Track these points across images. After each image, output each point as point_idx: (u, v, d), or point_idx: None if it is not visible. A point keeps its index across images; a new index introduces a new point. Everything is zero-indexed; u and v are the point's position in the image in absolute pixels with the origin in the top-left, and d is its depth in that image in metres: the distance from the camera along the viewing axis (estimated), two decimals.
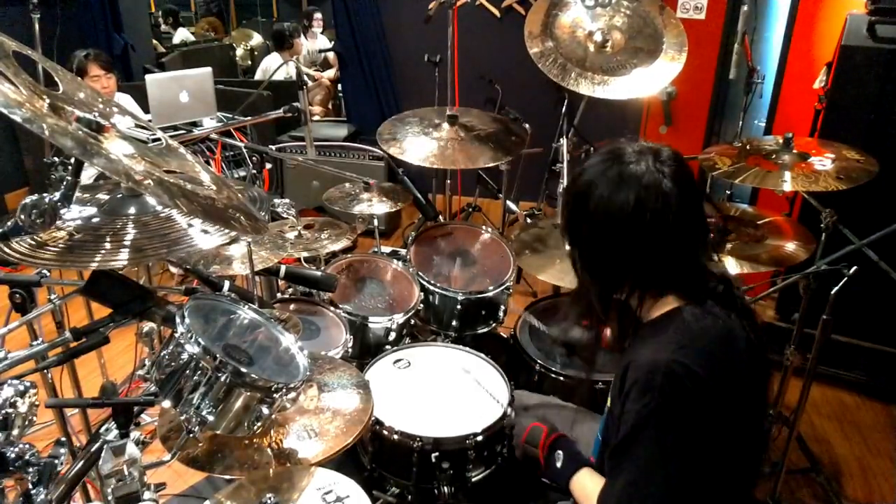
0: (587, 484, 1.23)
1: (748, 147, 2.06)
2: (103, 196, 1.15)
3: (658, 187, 1.06)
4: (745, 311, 1.12)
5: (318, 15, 6.54)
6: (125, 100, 3.52)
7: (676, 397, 1.01)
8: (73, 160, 0.90)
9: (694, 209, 1.11)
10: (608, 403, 1.22)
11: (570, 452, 1.32)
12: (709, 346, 1.04)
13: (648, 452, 1.03)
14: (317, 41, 6.54)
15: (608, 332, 1.23)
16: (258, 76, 5.90)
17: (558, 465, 1.31)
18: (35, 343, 1.42)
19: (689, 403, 1.01)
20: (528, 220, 3.50)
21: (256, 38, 7.42)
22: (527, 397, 1.79)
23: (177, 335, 1.11)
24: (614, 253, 1.11)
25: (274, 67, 5.49)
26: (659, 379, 1.01)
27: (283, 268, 1.78)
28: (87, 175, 2.42)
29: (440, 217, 2.79)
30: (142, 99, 3.10)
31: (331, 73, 6.16)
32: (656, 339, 1.08)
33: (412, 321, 2.24)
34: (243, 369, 1.12)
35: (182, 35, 7.55)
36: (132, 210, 1.10)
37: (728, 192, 2.77)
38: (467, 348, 2.00)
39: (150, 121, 2.90)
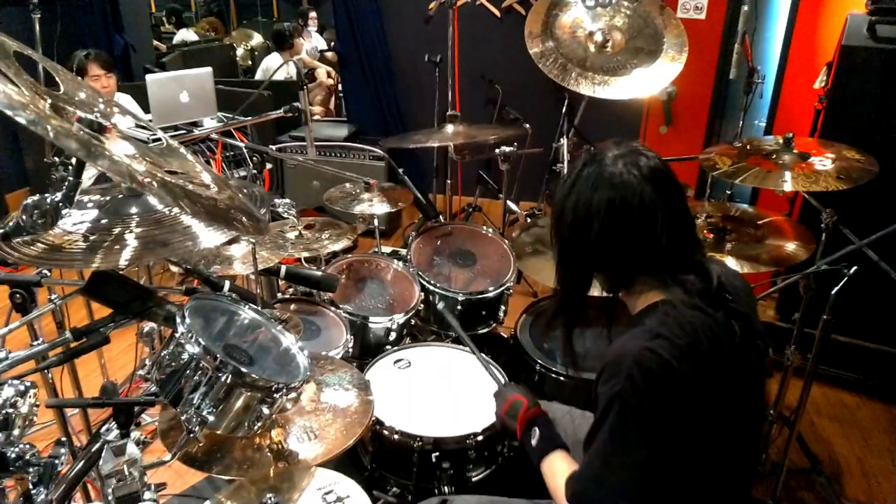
0: (556, 466, 1.24)
1: (748, 147, 2.06)
2: (101, 197, 1.16)
3: (631, 187, 1.10)
4: (735, 312, 1.12)
5: (312, 14, 6.58)
6: (125, 100, 3.52)
7: (642, 383, 1.01)
8: (74, 160, 0.90)
9: (673, 208, 1.12)
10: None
11: (546, 432, 1.32)
12: (684, 338, 1.04)
13: (609, 436, 1.05)
14: (311, 40, 6.58)
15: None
16: (259, 76, 5.90)
17: (533, 442, 1.31)
18: (35, 343, 1.42)
19: (654, 391, 1.02)
20: (529, 220, 3.50)
21: (257, 38, 7.42)
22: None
23: (177, 335, 1.11)
24: (591, 250, 1.14)
25: (274, 67, 5.49)
26: (627, 364, 1.03)
27: (283, 268, 1.78)
28: (87, 175, 2.42)
29: (440, 217, 2.79)
30: (142, 99, 3.10)
31: (322, 72, 6.18)
32: (633, 329, 1.10)
33: (412, 321, 2.24)
34: (244, 369, 1.12)
35: (184, 35, 7.55)
36: (133, 210, 1.11)
37: (728, 192, 2.77)
38: (467, 348, 2.01)
39: (150, 121, 2.90)
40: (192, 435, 1.12)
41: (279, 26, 5.63)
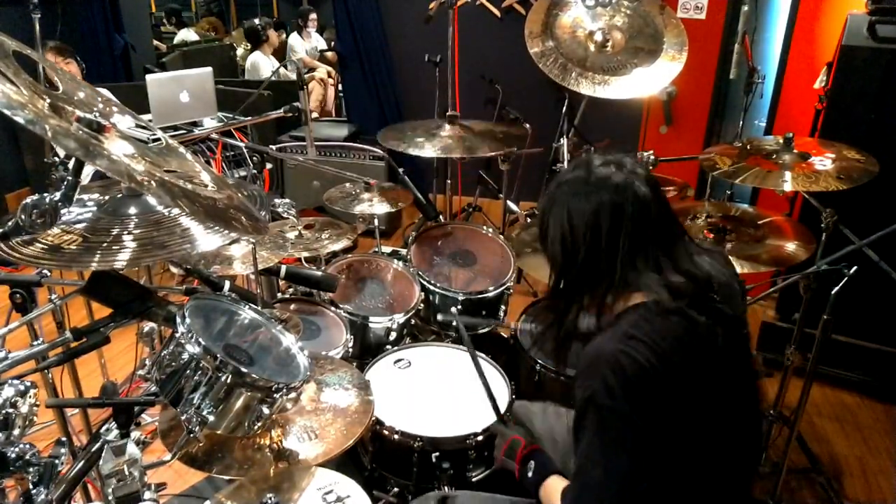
0: (553, 485, 1.25)
1: (748, 147, 2.06)
2: (100, 196, 1.16)
3: (630, 189, 1.11)
4: (720, 314, 1.11)
5: (312, 15, 6.65)
6: (102, 92, 3.49)
7: (616, 385, 1.01)
8: (73, 160, 0.90)
9: (661, 212, 1.14)
10: None
11: (541, 462, 1.34)
12: (662, 341, 1.04)
13: (590, 441, 1.05)
14: (311, 40, 6.62)
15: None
16: (247, 75, 5.92)
17: (529, 474, 1.32)
18: (35, 343, 1.42)
19: (628, 392, 1.01)
20: (529, 220, 3.50)
21: None
22: (527, 407, 1.74)
23: (177, 335, 1.11)
24: (587, 254, 1.14)
25: (259, 63, 5.57)
26: (601, 366, 1.03)
27: (283, 268, 1.78)
28: (84, 174, 2.42)
29: (441, 217, 2.79)
30: (142, 99, 3.10)
31: (323, 72, 6.20)
32: (610, 331, 1.10)
33: (412, 321, 2.24)
34: (244, 369, 1.12)
35: (184, 35, 7.55)
36: (132, 210, 1.11)
37: (728, 192, 2.77)
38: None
39: (150, 121, 2.90)
40: (192, 435, 1.12)
41: (250, 24, 5.64)
